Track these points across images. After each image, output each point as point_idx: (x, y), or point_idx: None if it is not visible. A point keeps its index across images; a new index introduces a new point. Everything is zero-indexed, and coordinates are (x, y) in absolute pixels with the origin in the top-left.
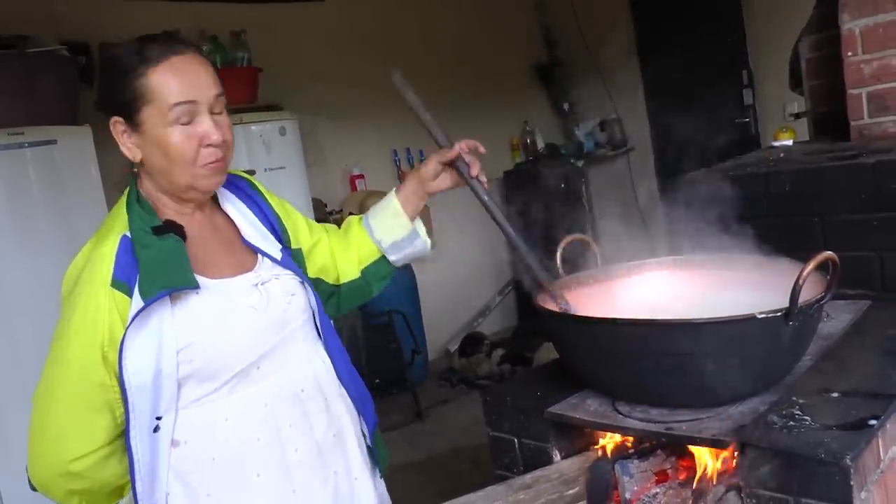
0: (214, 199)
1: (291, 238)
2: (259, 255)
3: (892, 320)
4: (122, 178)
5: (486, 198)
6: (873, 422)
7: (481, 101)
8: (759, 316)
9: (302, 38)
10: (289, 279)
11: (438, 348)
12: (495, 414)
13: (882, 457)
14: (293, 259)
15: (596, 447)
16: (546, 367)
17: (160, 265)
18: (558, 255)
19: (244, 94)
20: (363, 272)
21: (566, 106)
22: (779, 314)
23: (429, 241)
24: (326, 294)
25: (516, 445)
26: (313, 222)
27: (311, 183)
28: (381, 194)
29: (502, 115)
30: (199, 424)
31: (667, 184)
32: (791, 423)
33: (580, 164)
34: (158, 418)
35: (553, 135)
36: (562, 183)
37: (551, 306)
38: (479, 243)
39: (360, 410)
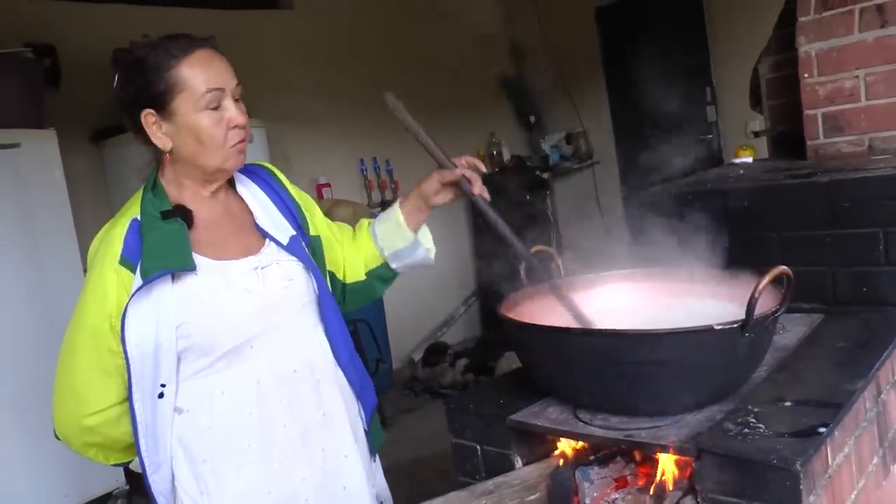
0: (231, 185)
1: (311, 225)
2: (266, 240)
3: (842, 333)
4: (145, 167)
5: (491, 213)
6: (822, 429)
7: (448, 112)
8: (717, 327)
9: (270, 46)
10: (290, 264)
11: (402, 357)
12: (458, 421)
13: (830, 462)
14: (312, 245)
15: (557, 454)
16: (509, 376)
17: (162, 247)
18: (522, 266)
19: None
20: (368, 274)
21: (532, 118)
22: (735, 326)
23: (433, 249)
24: (337, 290)
25: (479, 452)
26: (331, 221)
27: None
28: (347, 203)
29: (469, 126)
30: (198, 395)
31: (631, 197)
32: (745, 430)
33: (546, 176)
34: (162, 385)
35: (519, 147)
36: (527, 195)
37: (516, 315)
38: (444, 253)
39: (359, 394)
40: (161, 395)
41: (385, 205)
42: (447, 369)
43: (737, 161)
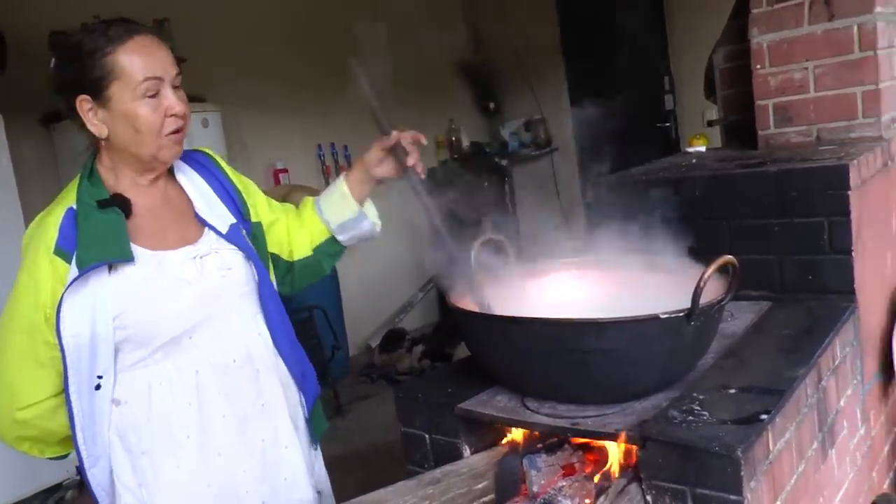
0: (170, 173)
1: (251, 212)
2: (205, 229)
3: (788, 320)
4: (83, 153)
5: (418, 187)
6: (764, 416)
7: (407, 97)
8: (662, 316)
9: (227, 28)
10: (229, 253)
11: (359, 344)
12: (407, 410)
13: (771, 448)
14: (253, 232)
15: (505, 442)
16: (459, 364)
17: (98, 237)
18: (473, 254)
19: None
20: (315, 250)
21: (492, 105)
22: (681, 314)
23: (378, 223)
24: (283, 270)
25: (427, 441)
26: (273, 201)
27: None
28: (304, 189)
29: (427, 112)
30: (137, 386)
31: (588, 185)
32: (690, 417)
33: (505, 163)
34: (99, 377)
35: (478, 134)
36: (486, 182)
37: (464, 304)
38: (401, 239)
39: (300, 383)
40: (98, 387)
41: None
42: (404, 356)
43: (690, 150)
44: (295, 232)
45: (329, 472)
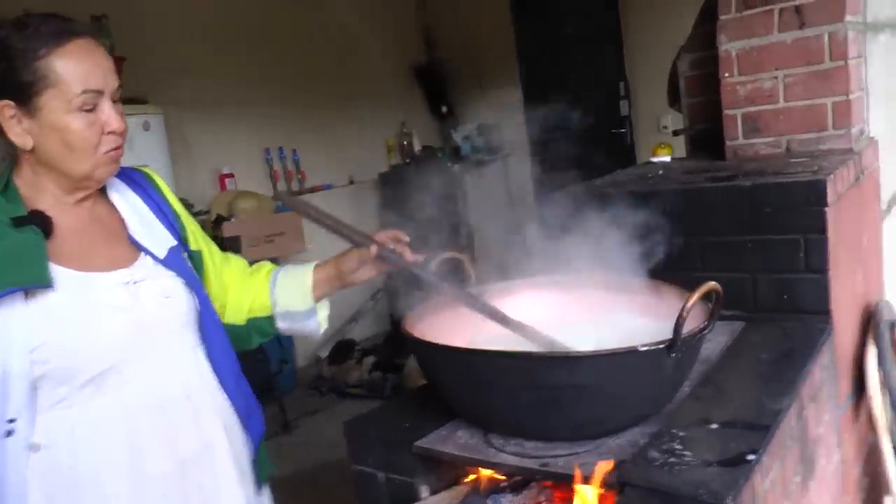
0: (101, 190)
1: (191, 239)
2: (141, 253)
3: (764, 342)
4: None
5: (432, 279)
6: (751, 456)
7: (358, 100)
8: (642, 349)
9: (170, 25)
10: (168, 280)
11: (308, 355)
12: (359, 446)
13: (758, 491)
14: (192, 260)
15: (466, 481)
16: (415, 395)
17: (11, 259)
18: (431, 273)
19: None
20: (249, 321)
21: (444, 108)
22: (661, 346)
23: (324, 325)
24: None
25: (382, 481)
26: (216, 249)
27: (177, 182)
28: (252, 195)
29: (379, 114)
30: (58, 429)
31: (544, 194)
32: (671, 458)
33: (457, 167)
34: (11, 421)
35: (430, 137)
36: (438, 187)
37: (421, 332)
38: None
39: (245, 422)
40: (9, 433)
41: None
42: (354, 367)
43: (655, 160)
44: (236, 292)
45: (275, 495)
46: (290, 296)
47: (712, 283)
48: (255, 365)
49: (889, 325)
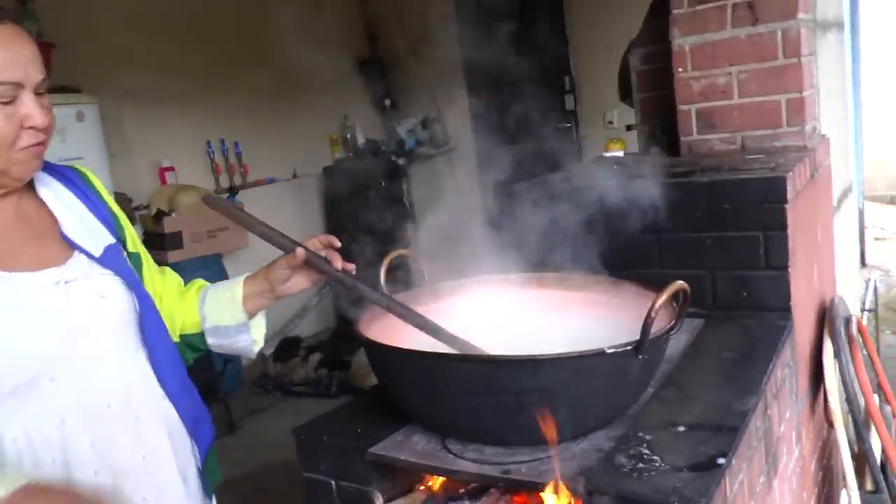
0: (30, 186)
1: (129, 241)
2: (75, 251)
3: (726, 340)
4: None
5: (364, 289)
6: (721, 460)
7: (300, 92)
8: (609, 351)
9: (104, 12)
10: (104, 279)
11: None
12: (310, 453)
13: (728, 494)
14: (131, 262)
15: (422, 488)
16: (368, 398)
17: None
18: (382, 271)
19: None
20: (182, 337)
21: (388, 102)
22: (629, 348)
23: (260, 343)
24: None
25: (334, 489)
26: (152, 262)
27: (115, 175)
28: (192, 188)
29: (321, 108)
30: None
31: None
32: (640, 464)
33: (401, 161)
34: None
35: (374, 131)
36: (382, 181)
37: (374, 334)
38: (295, 238)
39: (191, 429)
40: None
41: (234, 191)
42: (300, 364)
43: (607, 154)
44: (169, 307)
45: (221, 498)
46: (219, 310)
47: (680, 283)
48: (199, 364)
49: (844, 320)
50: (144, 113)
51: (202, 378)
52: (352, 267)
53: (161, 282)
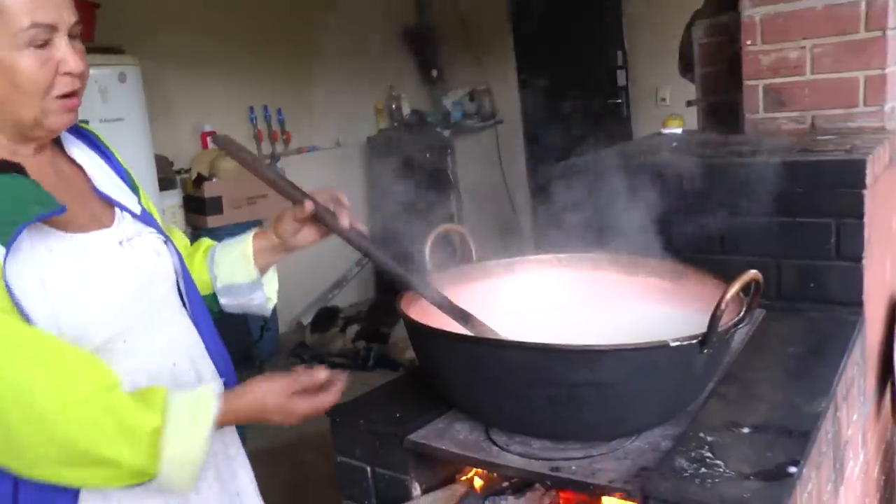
0: (57, 144)
1: (143, 199)
2: (117, 209)
3: (790, 334)
4: None
5: (371, 249)
6: (793, 469)
7: (345, 61)
8: (673, 344)
9: None
10: (153, 237)
11: (290, 322)
12: (345, 437)
13: None
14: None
15: (463, 479)
16: (407, 380)
17: (12, 200)
18: (427, 246)
19: None
20: None
21: (434, 73)
22: (694, 342)
23: (273, 300)
24: None
25: (369, 475)
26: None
27: (156, 138)
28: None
29: (367, 77)
30: None
31: (538, 163)
32: (703, 469)
33: (447, 134)
34: None
35: (420, 102)
36: (427, 153)
37: (419, 314)
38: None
39: (229, 383)
40: None
41: (275, 159)
42: (338, 335)
43: (665, 132)
44: None
45: (254, 469)
46: (231, 269)
47: (753, 272)
48: (235, 330)
49: None
50: (188, 76)
51: (238, 345)
52: (363, 228)
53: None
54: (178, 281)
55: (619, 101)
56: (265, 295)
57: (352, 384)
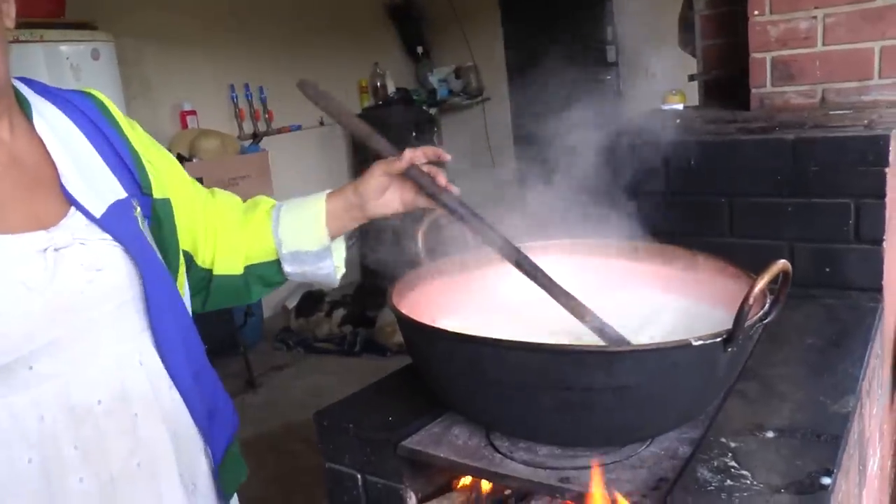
0: (24, 117)
1: (154, 184)
2: (72, 208)
3: (807, 323)
4: None
5: (460, 211)
6: (826, 480)
7: (329, 37)
8: (696, 343)
9: None
10: (102, 246)
11: (274, 306)
12: (333, 443)
13: None
14: (156, 213)
15: (461, 487)
16: (399, 379)
17: None
18: (420, 233)
19: (46, 5)
20: (247, 269)
21: (420, 49)
22: (718, 340)
23: (342, 270)
24: (199, 279)
25: (360, 483)
26: (198, 184)
27: (133, 118)
28: (215, 134)
29: (350, 55)
30: None
31: (525, 140)
32: (728, 481)
33: (433, 112)
34: None
35: (405, 79)
36: (413, 131)
37: (410, 310)
38: (321, 187)
39: (204, 426)
40: None
41: (257, 137)
42: (323, 320)
43: (666, 107)
44: (228, 234)
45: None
46: (299, 233)
47: (782, 263)
48: (218, 316)
49: None
50: (166, 54)
51: (221, 332)
52: (456, 190)
53: (214, 210)
54: (139, 298)
55: (609, 77)
56: (333, 264)
57: (338, 370)
